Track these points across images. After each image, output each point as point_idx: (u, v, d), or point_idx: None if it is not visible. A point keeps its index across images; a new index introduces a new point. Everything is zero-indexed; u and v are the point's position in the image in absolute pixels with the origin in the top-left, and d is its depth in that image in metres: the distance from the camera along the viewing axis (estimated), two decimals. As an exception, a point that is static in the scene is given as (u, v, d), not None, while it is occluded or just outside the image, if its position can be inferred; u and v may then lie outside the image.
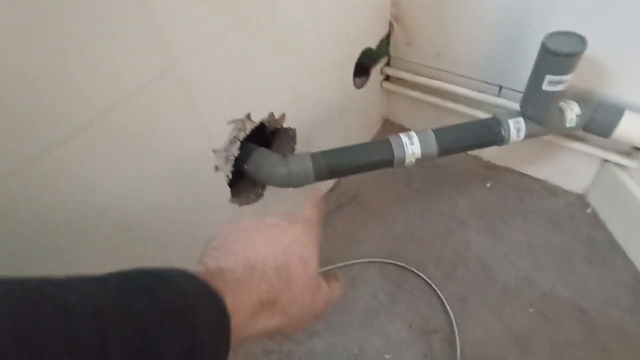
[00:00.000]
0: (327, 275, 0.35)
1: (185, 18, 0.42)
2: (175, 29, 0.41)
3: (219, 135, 0.53)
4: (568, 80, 0.57)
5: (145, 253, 0.50)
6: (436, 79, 0.82)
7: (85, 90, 0.36)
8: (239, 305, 0.27)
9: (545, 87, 0.58)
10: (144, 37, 0.39)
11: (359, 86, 0.83)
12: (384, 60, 0.87)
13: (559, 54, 0.54)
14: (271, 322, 0.30)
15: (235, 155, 0.58)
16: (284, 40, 0.56)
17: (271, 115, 0.61)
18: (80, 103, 0.36)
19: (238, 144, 0.57)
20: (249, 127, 0.58)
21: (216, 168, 0.55)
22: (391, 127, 0.99)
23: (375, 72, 0.87)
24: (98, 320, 0.19)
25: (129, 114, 0.41)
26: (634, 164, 0.69)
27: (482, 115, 0.78)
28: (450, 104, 0.83)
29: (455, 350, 0.63)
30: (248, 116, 0.56)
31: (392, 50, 0.85)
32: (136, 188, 0.45)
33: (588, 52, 0.61)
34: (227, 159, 0.56)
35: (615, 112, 0.63)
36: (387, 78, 0.91)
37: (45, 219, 0.38)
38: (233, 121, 0.54)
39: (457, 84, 0.80)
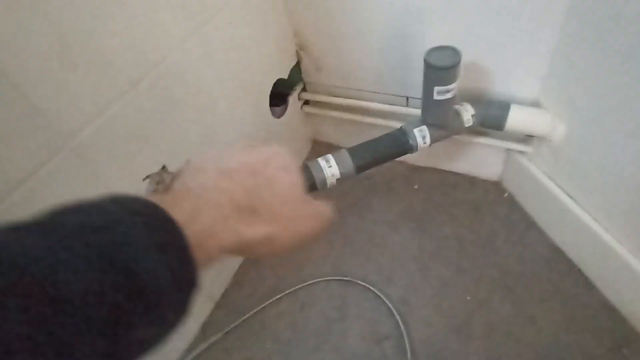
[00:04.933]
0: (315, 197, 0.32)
1: (66, 96, 0.42)
2: (57, 108, 0.42)
3: (134, 193, 0.53)
4: (454, 88, 0.63)
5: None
6: (349, 98, 0.87)
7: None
8: (203, 207, 0.25)
9: (436, 97, 0.64)
10: (25, 122, 0.39)
11: (279, 115, 0.86)
12: (300, 87, 0.91)
13: (439, 68, 0.60)
14: (258, 229, 0.27)
15: (158, 208, 0.58)
16: (183, 90, 0.58)
17: (187, 161, 0.62)
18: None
19: (159, 196, 0.58)
20: (168, 178, 0.59)
21: (138, 226, 0.55)
22: (321, 146, 1.03)
23: (294, 99, 0.90)
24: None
25: (27, 198, 0.40)
26: (530, 149, 0.77)
27: (398, 125, 0.84)
28: (368, 119, 0.88)
29: (406, 352, 0.67)
30: (164, 168, 0.57)
31: (305, 76, 0.90)
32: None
33: (470, 58, 0.69)
34: (149, 214, 0.57)
35: (503, 107, 0.70)
36: (307, 102, 0.95)
37: None
38: (148, 176, 0.55)
39: (368, 100, 0.85)
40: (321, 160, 0.66)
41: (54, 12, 0.39)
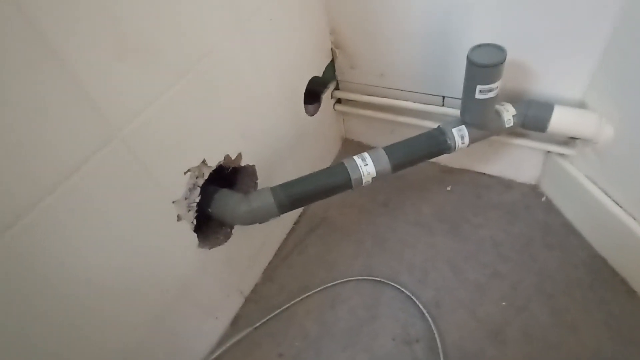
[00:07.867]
0: None
1: (118, 86, 0.43)
2: (108, 99, 0.42)
3: (176, 186, 0.54)
4: (497, 87, 0.61)
5: (115, 309, 0.50)
6: (383, 97, 0.86)
7: (30, 168, 0.37)
8: None
9: (478, 95, 0.62)
10: (79, 111, 0.40)
11: (312, 113, 0.86)
12: (332, 85, 0.91)
13: (483, 66, 0.58)
14: None
15: (197, 201, 0.59)
16: (225, 85, 0.59)
17: (227, 157, 0.62)
18: (28, 182, 0.37)
19: (198, 190, 0.59)
20: (207, 172, 0.59)
21: (178, 218, 0.56)
22: (351, 145, 1.03)
23: (326, 97, 0.90)
24: None
25: (79, 186, 0.41)
26: (572, 152, 0.74)
27: (432, 125, 0.83)
28: (401, 118, 0.87)
29: (439, 356, 0.65)
30: (204, 162, 0.58)
31: (339, 74, 0.89)
32: (102, 257, 0.46)
33: (512, 57, 0.67)
34: (188, 207, 0.58)
35: (546, 108, 0.68)
36: (339, 101, 0.95)
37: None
38: (189, 170, 0.56)
39: (403, 99, 0.84)
40: (357, 158, 0.65)
41: (111, 3, 0.40)
